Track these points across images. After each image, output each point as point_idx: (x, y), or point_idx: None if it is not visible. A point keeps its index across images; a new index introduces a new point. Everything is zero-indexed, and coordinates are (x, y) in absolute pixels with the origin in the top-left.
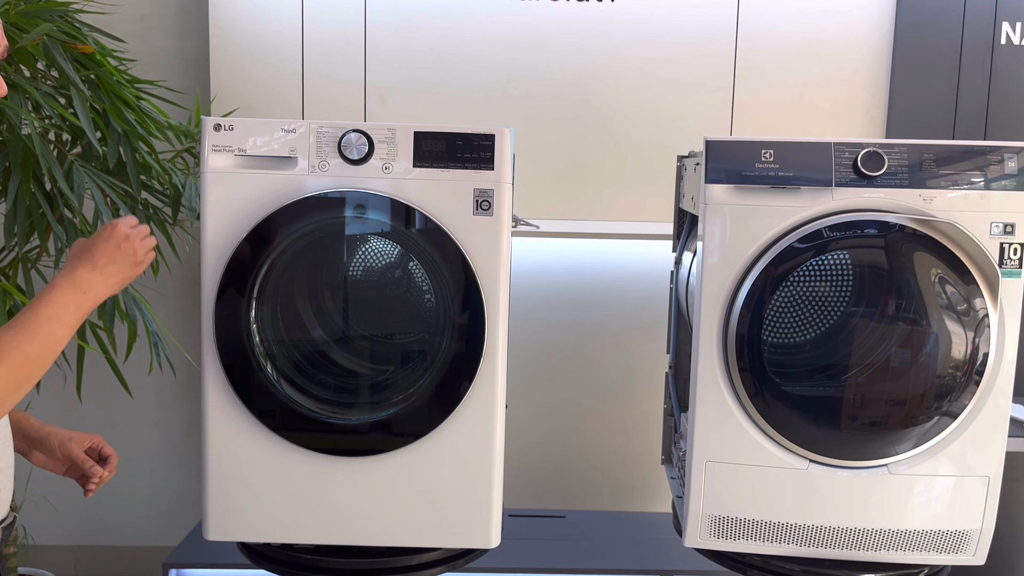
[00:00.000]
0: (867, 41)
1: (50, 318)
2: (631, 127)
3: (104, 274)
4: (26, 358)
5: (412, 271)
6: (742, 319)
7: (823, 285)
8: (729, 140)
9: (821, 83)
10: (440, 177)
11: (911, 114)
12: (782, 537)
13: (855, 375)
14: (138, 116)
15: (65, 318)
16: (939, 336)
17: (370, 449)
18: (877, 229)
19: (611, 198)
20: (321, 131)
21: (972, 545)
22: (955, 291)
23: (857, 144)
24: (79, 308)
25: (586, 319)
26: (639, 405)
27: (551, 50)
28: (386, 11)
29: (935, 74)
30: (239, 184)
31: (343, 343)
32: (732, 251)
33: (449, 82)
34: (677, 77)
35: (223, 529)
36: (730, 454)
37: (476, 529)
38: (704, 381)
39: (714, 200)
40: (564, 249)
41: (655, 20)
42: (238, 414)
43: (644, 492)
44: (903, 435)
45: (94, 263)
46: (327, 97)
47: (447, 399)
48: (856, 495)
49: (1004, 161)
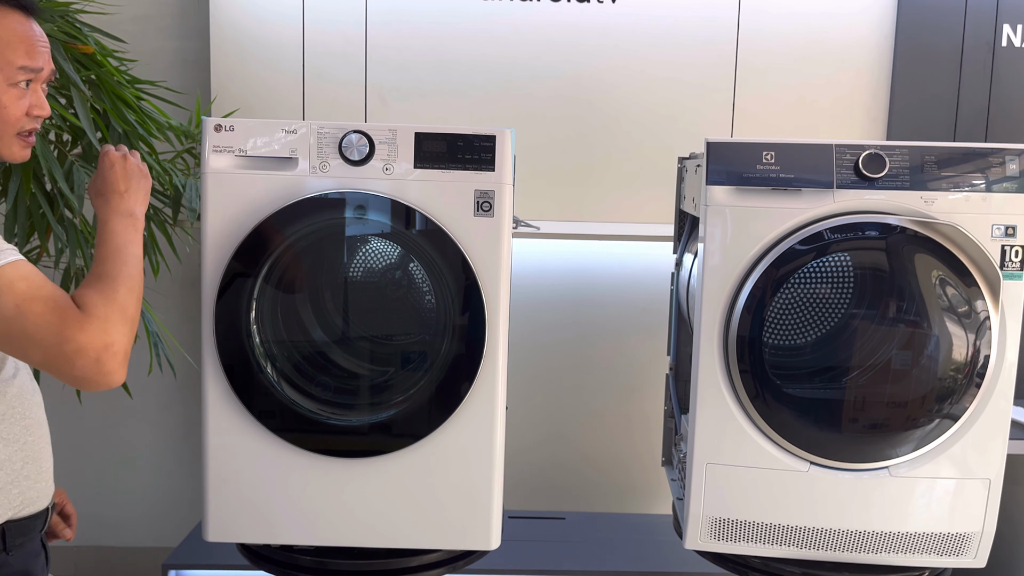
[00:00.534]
0: (868, 43)
1: (124, 243)
2: (632, 128)
3: (132, 193)
4: (131, 278)
5: (412, 272)
6: (743, 321)
7: (824, 287)
8: (730, 142)
9: (822, 84)
10: (441, 178)
11: (912, 116)
12: (783, 539)
13: (856, 377)
14: (139, 116)
15: (134, 239)
16: (940, 338)
17: (370, 450)
18: (878, 231)
19: (612, 199)
20: (322, 132)
21: (973, 547)
22: (956, 293)
23: (858, 146)
24: (136, 229)
25: (586, 320)
26: (639, 407)
27: (552, 51)
28: (387, 12)
29: (936, 76)
30: (240, 185)
31: (343, 344)
32: (733, 253)
33: (450, 83)
34: (678, 78)
35: (223, 530)
36: (731, 456)
37: (476, 530)
38: (705, 383)
39: (715, 202)
40: (565, 250)
41: (656, 21)
42: (238, 415)
43: (644, 494)
44: (904, 437)
45: (117, 189)
46: (328, 98)
47: (447, 400)
48: (857, 497)
49: (1005, 163)
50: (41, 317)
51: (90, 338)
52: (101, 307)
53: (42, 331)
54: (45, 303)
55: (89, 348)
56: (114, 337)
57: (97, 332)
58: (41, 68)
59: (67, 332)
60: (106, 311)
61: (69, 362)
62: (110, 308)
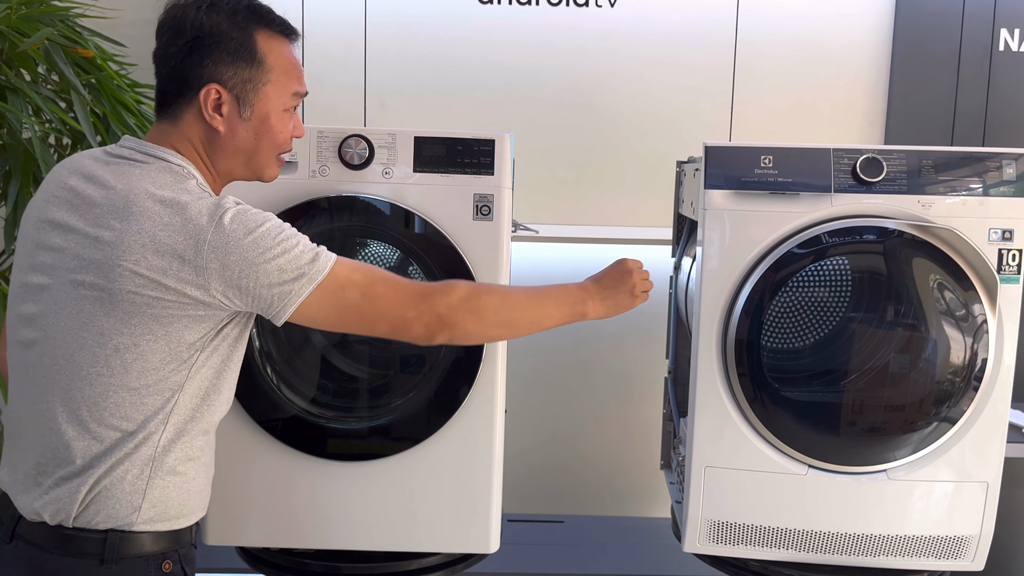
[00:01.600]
0: (866, 47)
1: (551, 296)
2: (631, 132)
3: (604, 296)
4: (518, 307)
5: (412, 275)
6: (741, 324)
7: (822, 291)
8: (728, 146)
9: (820, 89)
10: (440, 182)
11: (910, 120)
12: (781, 542)
13: (854, 381)
14: (138, 120)
15: (560, 309)
16: (938, 342)
17: (369, 454)
18: (876, 235)
19: (610, 203)
20: (321, 136)
21: (971, 551)
22: (954, 297)
23: (856, 150)
24: (572, 311)
25: (585, 324)
26: (638, 410)
27: (551, 55)
28: (386, 16)
29: (934, 80)
30: (239, 190)
31: (342, 348)
32: (731, 256)
33: (449, 87)
34: (676, 82)
35: (222, 533)
36: (729, 459)
37: (475, 534)
38: (703, 386)
39: (713, 205)
40: (564, 254)
41: (654, 26)
42: (237, 418)
43: (643, 497)
44: (902, 441)
45: (601, 284)
46: (327, 102)
47: (446, 404)
48: (855, 501)
49: (1002, 167)
50: (385, 297)
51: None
52: (460, 288)
53: (389, 307)
54: (385, 284)
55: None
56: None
57: (435, 302)
58: (306, 92)
59: (409, 301)
60: (460, 292)
61: (409, 326)
62: (467, 294)
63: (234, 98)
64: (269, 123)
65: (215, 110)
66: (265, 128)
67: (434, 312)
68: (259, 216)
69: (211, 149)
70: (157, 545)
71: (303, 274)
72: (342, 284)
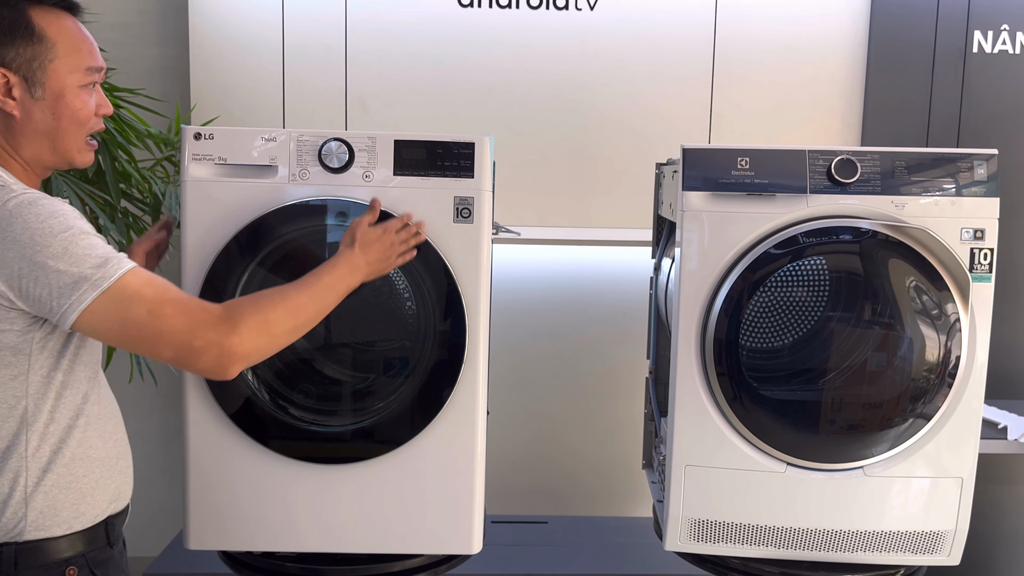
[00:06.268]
0: (842, 48)
1: (327, 287)
2: (612, 133)
3: (369, 264)
4: (301, 308)
5: (393, 279)
6: (720, 324)
7: (799, 290)
8: (705, 148)
9: (798, 91)
10: (420, 185)
11: (886, 121)
12: (761, 540)
13: (832, 379)
14: (118, 125)
15: (338, 290)
16: (913, 340)
17: (352, 456)
18: (851, 235)
19: (591, 205)
20: (301, 140)
21: (947, 545)
22: (928, 296)
23: (831, 152)
24: (348, 287)
25: (567, 325)
26: (620, 410)
27: (532, 58)
28: (367, 19)
29: (909, 81)
30: (220, 193)
31: (325, 351)
32: (709, 257)
33: (430, 90)
34: (656, 84)
35: (204, 538)
36: (709, 458)
37: (458, 535)
38: (683, 386)
39: (691, 207)
40: (545, 256)
41: (634, 29)
42: (219, 422)
43: (625, 497)
44: (879, 437)
45: (366, 255)
46: (308, 105)
47: (429, 406)
48: (833, 497)
49: (974, 168)
50: (173, 319)
51: (218, 336)
52: (244, 314)
53: (175, 331)
54: (175, 305)
55: (213, 345)
56: (241, 340)
57: (224, 332)
58: (103, 67)
59: (197, 330)
60: (247, 318)
61: (196, 356)
62: (253, 317)
63: (22, 79)
64: (65, 100)
65: (5, 94)
66: (62, 106)
67: (222, 346)
68: (53, 209)
69: (11, 136)
70: (57, 552)
71: (85, 277)
72: (129, 296)
